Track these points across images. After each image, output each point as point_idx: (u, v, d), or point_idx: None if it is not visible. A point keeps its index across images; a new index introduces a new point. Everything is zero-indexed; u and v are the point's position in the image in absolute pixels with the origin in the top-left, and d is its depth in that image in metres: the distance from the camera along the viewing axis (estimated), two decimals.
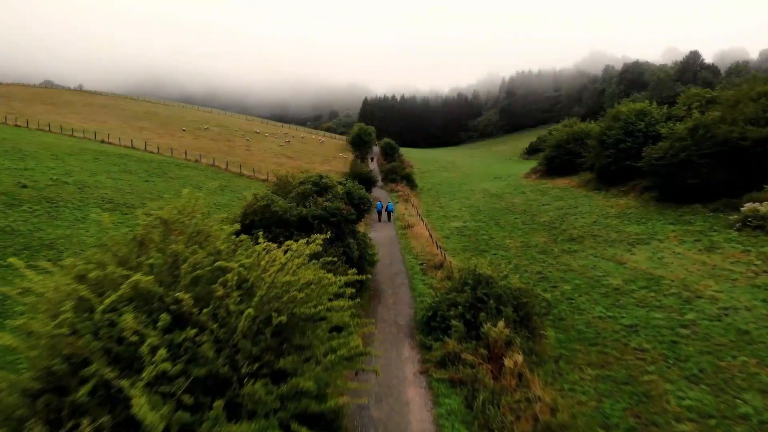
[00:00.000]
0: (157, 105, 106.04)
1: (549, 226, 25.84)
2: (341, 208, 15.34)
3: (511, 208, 32.18)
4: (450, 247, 23.43)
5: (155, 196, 29.45)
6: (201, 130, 75.31)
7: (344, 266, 14.20)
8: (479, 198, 38.07)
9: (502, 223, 28.10)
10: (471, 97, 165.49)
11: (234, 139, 71.50)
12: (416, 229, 25.93)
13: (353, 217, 15.52)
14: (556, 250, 21.66)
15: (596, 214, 26.70)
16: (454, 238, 25.63)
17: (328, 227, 15.13)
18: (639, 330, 13.37)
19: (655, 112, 32.20)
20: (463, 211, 33.17)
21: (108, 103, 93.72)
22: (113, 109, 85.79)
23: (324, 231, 15.13)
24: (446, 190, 45.02)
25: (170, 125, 75.15)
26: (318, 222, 15.10)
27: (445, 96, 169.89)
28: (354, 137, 64.15)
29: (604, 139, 33.04)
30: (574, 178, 39.23)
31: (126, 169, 35.14)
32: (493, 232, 26.15)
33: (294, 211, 15.12)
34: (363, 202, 16.63)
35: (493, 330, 11.19)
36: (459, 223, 28.97)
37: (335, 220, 15.17)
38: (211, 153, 55.02)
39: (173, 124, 76.39)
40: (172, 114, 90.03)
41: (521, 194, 36.92)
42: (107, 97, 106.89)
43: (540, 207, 30.86)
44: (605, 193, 31.44)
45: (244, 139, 73.35)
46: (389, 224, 30.46)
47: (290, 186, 18.16)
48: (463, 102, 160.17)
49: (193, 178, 37.00)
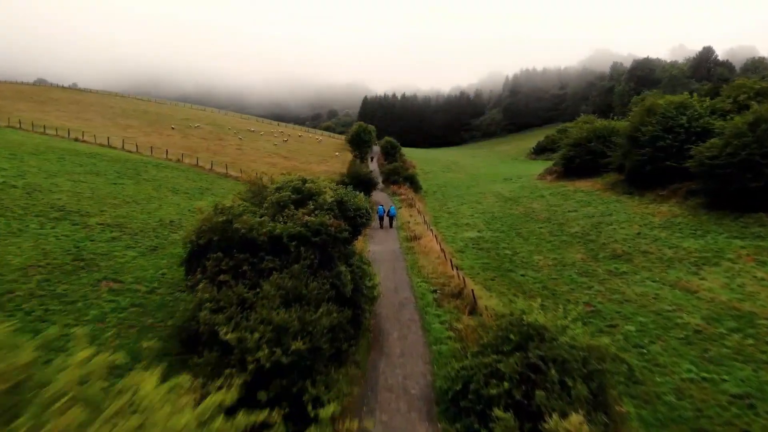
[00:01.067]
0: (149, 103, 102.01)
1: (583, 239, 21.68)
2: (329, 224, 11.20)
3: (532, 214, 28.02)
4: (467, 265, 19.28)
5: (120, 201, 25.33)
6: (191, 128, 71.33)
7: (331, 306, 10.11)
8: (492, 202, 33.91)
9: (525, 233, 23.94)
10: (473, 95, 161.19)
11: (226, 138, 67.42)
12: (424, 241, 21.80)
13: (345, 235, 11.37)
14: (600, 271, 17.50)
15: (637, 224, 22.55)
16: (469, 252, 21.48)
17: (310, 250, 11.02)
18: (755, 404, 9.24)
19: (697, 105, 28.03)
20: (476, 217, 29.01)
21: (97, 101, 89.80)
22: (101, 107, 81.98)
23: (305, 256, 11.08)
24: (453, 193, 40.86)
25: (159, 123, 71.18)
26: (296, 244, 10.97)
27: (447, 95, 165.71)
28: (353, 136, 59.99)
29: (637, 136, 28.90)
30: (597, 180, 35.11)
31: (93, 170, 31.01)
32: (516, 245, 21.99)
33: (263, 228, 10.98)
34: (360, 214, 12.50)
35: (562, 426, 7.04)
36: (473, 233, 24.81)
37: (320, 240, 11.04)
38: (199, 152, 50.94)
39: (162, 122, 72.41)
40: (163, 112, 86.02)
41: (540, 198, 32.76)
42: (97, 95, 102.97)
43: (566, 214, 26.70)
44: (639, 198, 27.30)
45: (237, 137, 69.28)
46: (392, 231, 26.32)
47: (266, 192, 13.99)
48: (465, 101, 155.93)
49: (170, 180, 32.87)
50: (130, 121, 69.61)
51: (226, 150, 57.06)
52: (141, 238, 19.84)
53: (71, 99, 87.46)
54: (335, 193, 12.56)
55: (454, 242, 23.32)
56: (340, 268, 11.21)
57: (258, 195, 14.92)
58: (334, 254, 11.30)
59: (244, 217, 11.18)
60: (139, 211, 24.04)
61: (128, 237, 19.78)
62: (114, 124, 65.77)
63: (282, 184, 12.73)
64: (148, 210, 24.59)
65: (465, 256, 20.95)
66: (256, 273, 10.73)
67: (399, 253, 20.81)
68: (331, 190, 12.42)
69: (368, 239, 24.18)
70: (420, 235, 23.01)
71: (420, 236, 22.67)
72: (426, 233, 23.49)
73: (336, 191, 12.73)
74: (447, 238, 24.03)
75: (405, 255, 20.41)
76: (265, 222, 11.30)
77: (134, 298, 14.37)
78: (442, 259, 18.83)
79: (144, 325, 12.94)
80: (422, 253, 20.19)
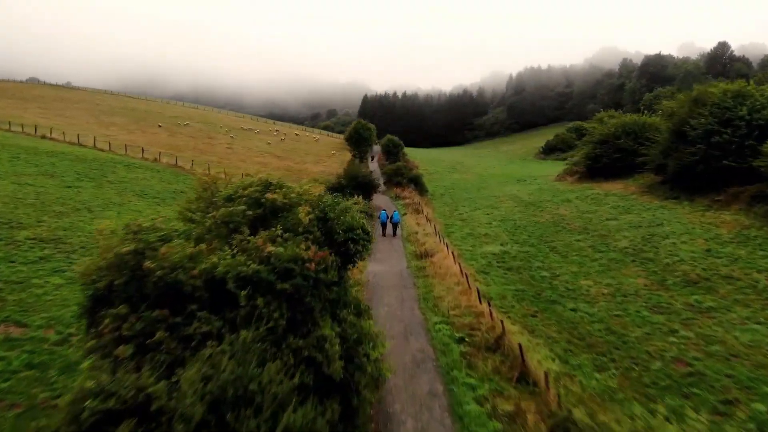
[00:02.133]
0: (139, 101, 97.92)
1: (637, 256, 17.35)
2: (305, 259, 6.86)
3: (562, 223, 23.68)
4: (495, 293, 14.95)
5: (69, 208, 21.02)
6: (180, 126, 67.20)
7: (306, 409, 5.81)
8: (511, 207, 29.58)
9: (560, 247, 19.60)
10: (476, 94, 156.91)
11: (216, 137, 63.21)
12: (438, 258, 17.46)
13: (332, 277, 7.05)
14: (678, 306, 13.17)
15: (701, 238, 18.22)
16: (495, 273, 17.13)
17: (274, 303, 6.70)
18: None
19: (758, 95, 23.71)
20: (495, 226, 24.67)
21: (84, 99, 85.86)
22: (88, 104, 78.11)
23: (264, 313, 6.78)
24: (463, 196, 36.52)
25: (146, 121, 67.11)
26: (250, 292, 6.65)
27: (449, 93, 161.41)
28: (351, 133, 55.62)
29: (685, 131, 24.59)
30: (628, 182, 30.84)
31: (48, 172, 26.70)
32: (554, 264, 17.65)
33: (196, 267, 6.65)
34: (356, 237, 8.15)
35: None
36: (496, 247, 20.47)
37: (291, 286, 6.71)
38: (183, 151, 46.69)
39: (150, 120, 68.35)
40: (152, 110, 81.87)
41: (566, 203, 28.43)
42: (86, 93, 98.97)
43: (604, 223, 22.36)
44: (690, 204, 22.98)
45: (228, 136, 65.09)
46: (396, 242, 21.98)
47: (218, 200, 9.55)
48: (468, 99, 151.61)
49: (140, 181, 28.55)
50: (115, 119, 65.55)
51: (214, 149, 52.77)
52: (78, 258, 15.48)
53: (57, 96, 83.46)
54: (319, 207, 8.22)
55: (474, 259, 18.97)
56: (323, 331, 6.87)
57: (213, 205, 10.39)
58: (314, 305, 6.95)
59: (163, 249, 6.77)
60: (87, 221, 19.72)
61: (62, 256, 15.47)
62: (97, 121, 61.69)
63: (234, 191, 8.39)
64: (101, 219, 20.25)
65: (490, 278, 16.60)
66: (181, 342, 6.43)
67: (407, 275, 16.45)
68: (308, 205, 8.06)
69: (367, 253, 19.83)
70: (432, 250, 18.65)
71: (432, 252, 18.31)
72: (439, 247, 19.15)
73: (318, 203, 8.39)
74: (464, 254, 19.68)
75: (415, 278, 16.04)
76: (199, 256, 6.92)
77: (34, 353, 10.05)
78: (463, 286, 14.50)
79: (33, 402, 8.66)
80: (437, 275, 15.83)
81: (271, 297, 6.61)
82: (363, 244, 8.29)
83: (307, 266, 6.92)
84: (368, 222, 24.14)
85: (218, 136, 63.54)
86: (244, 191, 8.56)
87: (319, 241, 7.70)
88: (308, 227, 7.81)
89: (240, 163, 46.05)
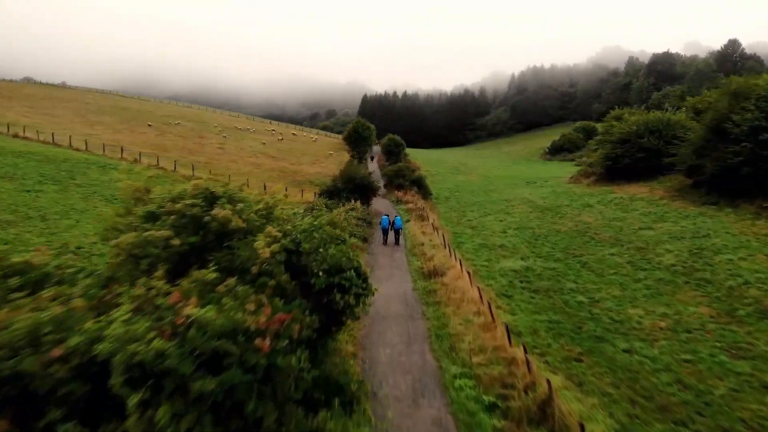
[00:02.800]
0: (131, 100, 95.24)
1: (689, 276, 14.45)
2: (251, 330, 3.82)
3: (588, 232, 20.77)
4: (524, 325, 12.06)
5: (20, 216, 18.12)
6: (171, 125, 64.30)
7: None
8: (525, 212, 26.68)
9: (593, 263, 16.69)
10: (477, 94, 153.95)
11: (208, 136, 60.32)
12: (450, 277, 14.55)
13: (301, 362, 4.07)
14: (762, 347, 10.25)
15: (760, 253, 15.33)
16: (520, 297, 14.22)
17: (188, 418, 3.61)
18: None
19: None
20: (511, 235, 21.76)
21: (74, 98, 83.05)
22: (76, 103, 75.29)
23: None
24: (470, 200, 33.61)
25: (135, 120, 64.23)
26: (147, 395, 3.55)
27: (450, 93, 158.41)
28: (350, 132, 52.67)
29: (726, 128, 21.72)
30: (653, 185, 28.00)
31: (8, 174, 23.81)
32: (589, 286, 14.74)
33: (69, 343, 3.67)
34: (344, 284, 5.12)
35: None
36: (516, 262, 17.55)
37: (221, 387, 3.61)
38: (170, 151, 43.79)
39: (140, 119, 65.50)
40: (144, 109, 78.93)
41: (587, 208, 25.54)
42: (77, 92, 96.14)
43: (639, 233, 19.46)
44: (734, 212, 20.11)
45: (221, 136, 62.20)
46: (399, 252, 19.06)
47: None
48: (470, 99, 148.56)
49: (112, 184, 25.59)
50: (102, 118, 62.70)
51: (204, 149, 49.82)
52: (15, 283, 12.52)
53: (47, 95, 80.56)
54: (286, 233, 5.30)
55: (492, 277, 16.05)
56: None
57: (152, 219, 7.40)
58: (264, 417, 4.02)
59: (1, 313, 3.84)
60: (38, 231, 16.80)
61: None
62: (83, 120, 58.82)
63: (159, 204, 5.48)
64: (55, 229, 17.35)
65: (515, 304, 13.69)
66: None
67: (413, 300, 13.51)
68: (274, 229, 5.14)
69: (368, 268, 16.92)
70: (442, 266, 15.72)
71: (442, 269, 15.37)
72: (450, 263, 16.23)
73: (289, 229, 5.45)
74: (479, 270, 16.77)
75: (423, 305, 13.10)
76: (69, 321, 4.00)
77: None
78: (485, 317, 11.59)
79: None
80: (451, 301, 12.89)
81: (183, 404, 3.71)
82: (357, 294, 5.34)
83: (256, 344, 4.03)
84: (366, 230, 21.15)
85: (210, 136, 60.63)
86: (175, 205, 5.64)
87: (285, 291, 4.79)
88: (268, 266, 4.89)
89: (230, 163, 43.15)
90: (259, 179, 36.41)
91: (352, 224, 20.85)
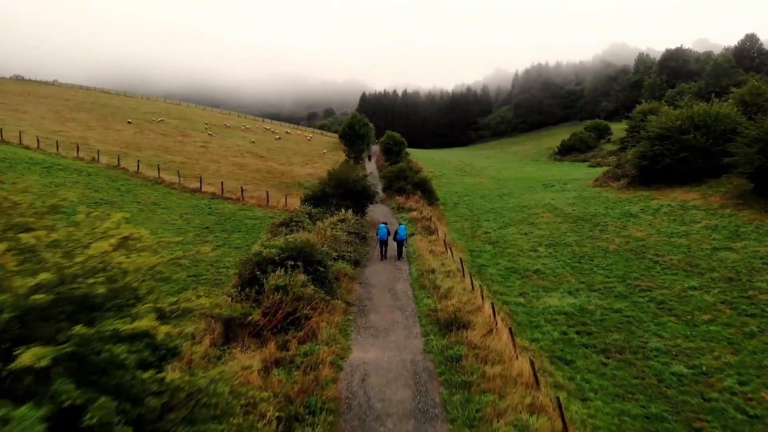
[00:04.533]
0: (114, 96, 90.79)
1: None
2: None
3: (647, 253, 16.06)
4: (606, 425, 7.29)
5: None
6: (154, 122, 59.66)
7: None
8: (554, 223, 22.01)
9: (672, 302, 12.01)
10: (480, 92, 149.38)
11: (192, 134, 55.66)
12: (479, 331, 9.81)
13: None
14: None
15: None
16: (584, 363, 9.53)
17: None
18: None
19: None
20: (545, 255, 17.06)
21: (53, 94, 78.60)
22: (54, 99, 70.72)
23: None
24: (484, 206, 28.92)
25: (114, 117, 59.67)
26: None
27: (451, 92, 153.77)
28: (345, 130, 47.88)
29: None
30: (705, 190, 23.41)
31: None
32: (682, 344, 10.08)
33: None
34: None
35: None
36: (563, 300, 12.84)
37: None
38: (143, 150, 39.08)
39: (120, 116, 60.94)
40: (126, 106, 74.19)
41: (631, 219, 20.86)
42: (59, 88, 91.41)
43: (715, 256, 14.78)
44: None
45: (207, 134, 57.54)
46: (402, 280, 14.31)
47: None
48: (472, 97, 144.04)
49: (47, 189, 20.88)
50: (78, 115, 58.12)
51: (184, 148, 45.08)
52: None
53: (25, 91, 75.86)
54: None
55: (535, 324, 11.33)
56: None
57: None
58: None
59: None
60: None
61: None
62: (56, 116, 54.21)
63: None
64: None
65: (580, 377, 8.97)
66: None
67: (426, 377, 8.63)
68: None
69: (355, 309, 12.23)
70: (464, 310, 10.91)
71: (466, 316, 10.58)
72: (474, 302, 11.50)
73: None
74: (515, 312, 12.04)
75: (443, 386, 8.28)
76: None
77: None
78: (548, 414, 6.89)
79: None
80: (488, 383, 8.09)
81: None
82: None
83: None
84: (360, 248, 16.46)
85: (194, 134, 55.96)
86: None
87: None
88: None
89: (210, 164, 38.41)
90: (240, 182, 31.75)
91: (341, 241, 16.18)
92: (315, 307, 10.37)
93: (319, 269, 11.50)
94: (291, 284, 10.33)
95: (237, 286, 11.22)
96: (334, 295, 11.65)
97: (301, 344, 9.39)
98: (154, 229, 17.93)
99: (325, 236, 15.50)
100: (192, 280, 13.82)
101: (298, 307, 10.09)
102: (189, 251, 15.87)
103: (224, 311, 9.56)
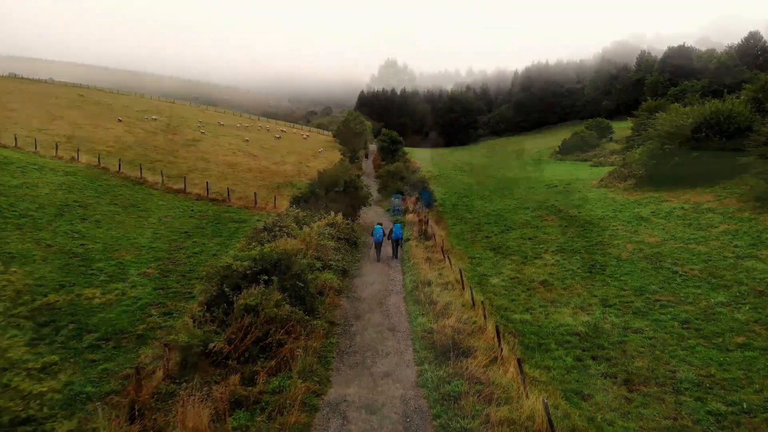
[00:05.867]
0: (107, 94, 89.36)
1: None
2: None
3: (664, 261, 14.67)
4: None
5: None
6: (145, 121, 58.21)
7: None
8: (559, 227, 20.61)
9: (699, 321, 10.65)
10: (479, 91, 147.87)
11: (183, 132, 54.21)
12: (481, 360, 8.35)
13: None
14: None
15: None
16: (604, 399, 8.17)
17: None
18: None
19: None
20: (552, 262, 15.65)
21: (44, 91, 77.06)
22: (44, 96, 69.47)
23: None
24: (484, 208, 27.49)
25: (105, 115, 58.30)
26: None
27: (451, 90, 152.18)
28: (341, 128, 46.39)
29: None
30: (719, 191, 21.96)
31: None
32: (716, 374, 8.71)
33: None
34: None
35: None
36: (576, 318, 11.47)
37: None
38: (129, 149, 37.52)
39: (110, 114, 59.59)
40: (118, 104, 72.61)
41: (642, 223, 19.45)
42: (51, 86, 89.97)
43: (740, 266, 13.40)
44: None
45: (199, 132, 56.01)
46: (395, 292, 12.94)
47: None
48: (472, 96, 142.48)
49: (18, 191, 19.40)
50: (67, 112, 56.71)
51: (172, 146, 43.52)
52: None
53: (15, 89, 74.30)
54: None
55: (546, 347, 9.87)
56: None
57: None
58: None
59: None
60: None
61: None
62: (44, 114, 52.76)
63: None
64: None
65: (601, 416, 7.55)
66: None
67: (418, 420, 7.22)
68: None
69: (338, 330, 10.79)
70: (465, 333, 9.46)
71: (467, 339, 9.15)
72: (476, 322, 10.07)
73: None
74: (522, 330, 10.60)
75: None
76: None
77: None
78: None
79: None
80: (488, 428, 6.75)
81: None
82: None
83: None
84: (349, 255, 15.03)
85: (186, 132, 54.45)
86: None
87: None
88: None
89: (199, 162, 36.90)
90: (228, 182, 30.27)
91: (328, 248, 14.76)
92: (290, 331, 8.93)
93: (298, 284, 10.07)
94: (263, 304, 8.91)
95: (203, 304, 9.79)
96: (315, 314, 10.22)
97: (272, 376, 7.96)
98: (126, 233, 16.46)
99: (311, 243, 14.08)
100: (158, 293, 12.36)
101: (270, 330, 8.66)
102: (160, 259, 14.44)
103: (181, 338, 8.14)
